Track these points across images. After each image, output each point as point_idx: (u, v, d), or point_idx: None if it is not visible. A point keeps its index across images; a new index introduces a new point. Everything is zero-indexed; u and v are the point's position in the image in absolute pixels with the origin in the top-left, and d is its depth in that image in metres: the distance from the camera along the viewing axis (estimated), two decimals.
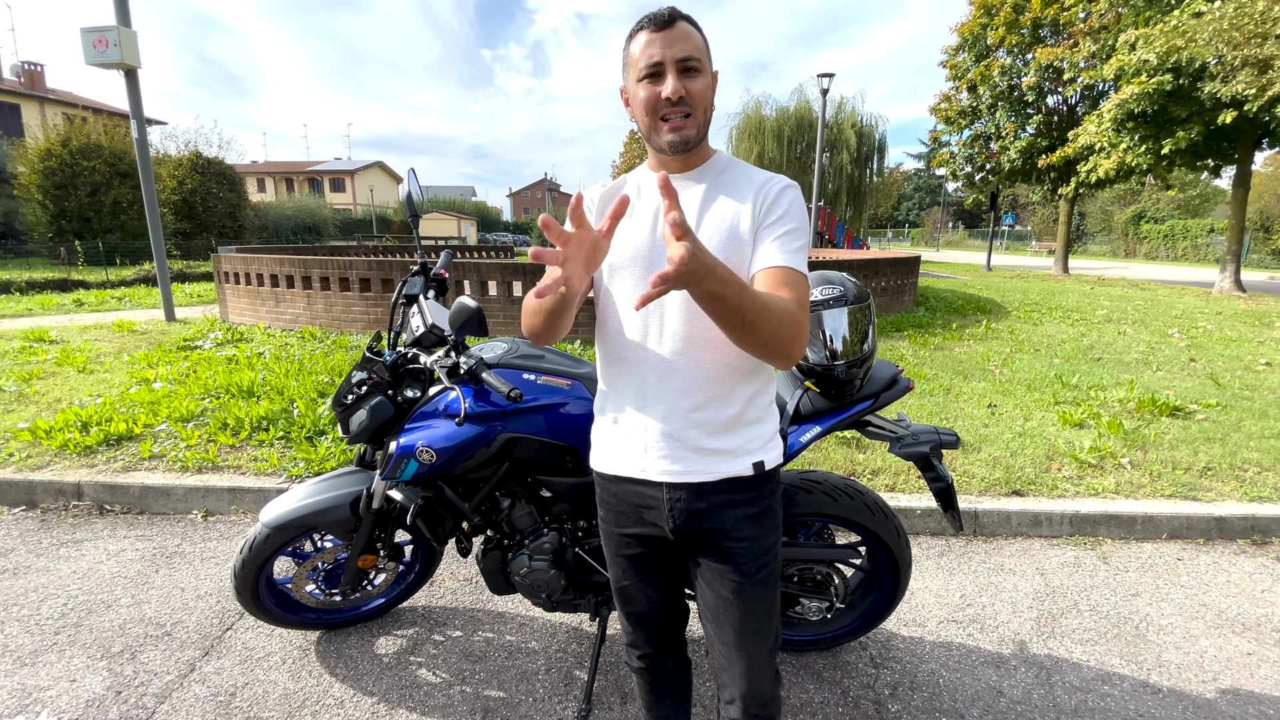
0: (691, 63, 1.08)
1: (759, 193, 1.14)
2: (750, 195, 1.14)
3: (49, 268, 16.32)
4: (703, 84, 1.10)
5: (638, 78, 1.11)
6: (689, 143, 1.12)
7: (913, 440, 1.86)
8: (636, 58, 1.10)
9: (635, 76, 1.11)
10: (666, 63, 1.07)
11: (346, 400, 1.83)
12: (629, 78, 1.14)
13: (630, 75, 1.13)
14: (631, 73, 1.12)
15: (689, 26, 1.10)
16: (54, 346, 6.30)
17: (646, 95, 1.10)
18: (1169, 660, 2.16)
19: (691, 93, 1.09)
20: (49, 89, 30.04)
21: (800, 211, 1.15)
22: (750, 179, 1.17)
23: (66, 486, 3.22)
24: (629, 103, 1.17)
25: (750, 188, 1.15)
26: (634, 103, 1.14)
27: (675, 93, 1.07)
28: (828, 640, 2.14)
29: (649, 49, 1.08)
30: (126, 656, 2.13)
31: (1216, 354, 6.56)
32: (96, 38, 7.38)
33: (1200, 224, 34.08)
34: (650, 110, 1.11)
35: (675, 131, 1.10)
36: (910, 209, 72.20)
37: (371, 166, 53.18)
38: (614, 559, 1.34)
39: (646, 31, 1.09)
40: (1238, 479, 3.32)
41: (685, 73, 1.08)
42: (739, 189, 1.16)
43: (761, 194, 1.14)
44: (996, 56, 18.60)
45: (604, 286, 1.21)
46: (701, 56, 1.10)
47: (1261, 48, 9.89)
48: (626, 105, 1.18)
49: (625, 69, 1.15)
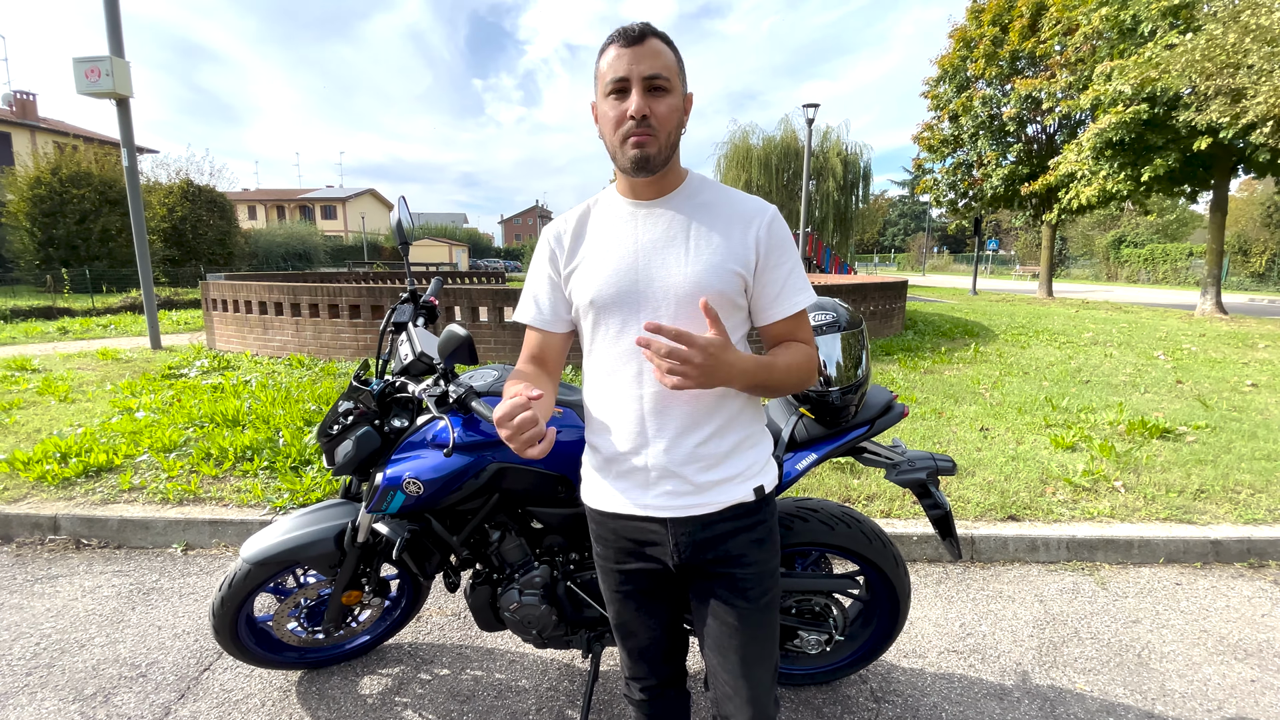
0: (659, 81, 1.04)
1: (754, 233, 1.12)
2: (741, 231, 1.12)
3: (35, 295, 16.17)
4: (669, 104, 1.06)
5: (604, 93, 1.07)
6: (649, 161, 1.07)
7: (909, 466, 1.84)
8: (604, 72, 1.07)
9: (602, 92, 1.08)
10: (633, 79, 1.04)
11: (332, 430, 1.78)
12: (598, 93, 1.10)
13: (598, 90, 1.10)
14: (599, 88, 1.09)
15: (660, 44, 1.06)
16: (36, 375, 6.19)
17: (612, 113, 1.06)
18: (1173, 689, 2.12)
19: (656, 112, 1.05)
20: (40, 118, 30.06)
21: (789, 239, 1.16)
22: (732, 207, 1.14)
23: (43, 520, 3.13)
24: (598, 119, 1.13)
25: (736, 220, 1.13)
26: (601, 120, 1.10)
27: (639, 110, 1.03)
28: (826, 674, 2.09)
29: (616, 64, 1.05)
30: (99, 699, 2.04)
31: (1202, 375, 6.62)
32: (89, 67, 7.41)
33: (1180, 248, 34.75)
34: (615, 128, 1.07)
35: (637, 148, 1.06)
36: (895, 234, 73.23)
37: (363, 194, 53.46)
38: (612, 595, 1.30)
39: (616, 46, 1.05)
40: (1231, 501, 3.31)
41: (652, 91, 1.05)
42: (721, 218, 1.13)
43: (760, 234, 1.12)
44: (977, 87, 19.07)
45: (590, 324, 1.18)
46: (671, 75, 1.06)
47: (1234, 78, 10.20)
48: (596, 122, 1.15)
49: (595, 82, 1.11)
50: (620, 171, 1.14)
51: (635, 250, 1.13)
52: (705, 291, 1.09)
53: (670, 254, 1.11)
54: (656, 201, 1.15)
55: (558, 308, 1.23)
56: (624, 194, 1.18)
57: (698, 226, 1.12)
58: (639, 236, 1.14)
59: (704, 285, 1.09)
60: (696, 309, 1.09)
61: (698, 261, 1.10)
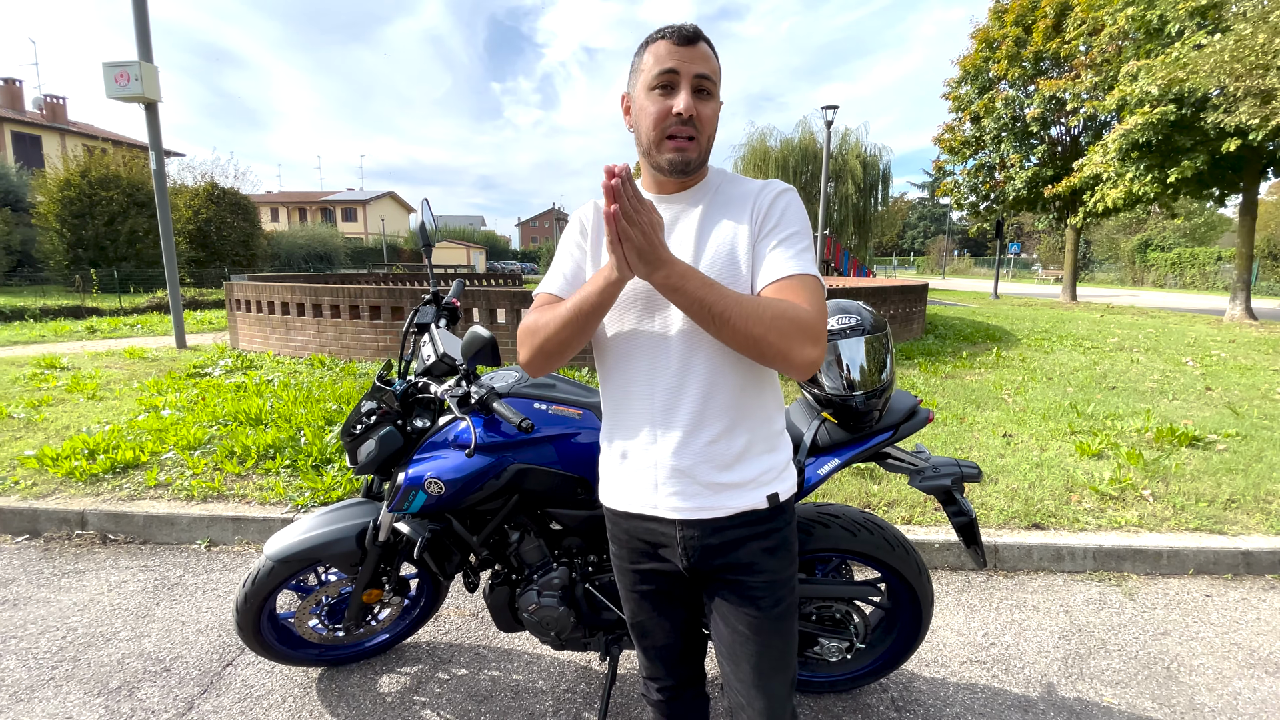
0: (706, 83, 1.04)
1: (754, 206, 1.10)
2: (745, 214, 1.10)
3: (64, 295, 16.53)
4: (713, 108, 1.07)
5: (649, 86, 1.05)
6: (689, 165, 1.07)
7: (933, 473, 1.82)
8: (650, 65, 1.05)
9: (646, 84, 1.05)
10: (683, 76, 1.03)
11: (355, 430, 1.80)
12: (636, 84, 1.08)
13: (639, 82, 1.07)
14: (641, 79, 1.06)
15: (709, 49, 1.06)
16: (65, 373, 6.33)
17: (656, 108, 1.04)
18: (1202, 703, 2.07)
19: (701, 115, 1.05)
20: (70, 121, 30.82)
21: (798, 214, 1.10)
22: (745, 192, 1.13)
23: (70, 515, 3.19)
24: (629, 110, 1.12)
25: (745, 204, 1.11)
26: (639, 113, 1.08)
27: (687, 109, 1.02)
28: (847, 682, 2.06)
29: (667, 59, 1.03)
30: (124, 693, 2.07)
31: (1232, 383, 6.47)
32: (119, 72, 7.57)
33: (1207, 251, 34.02)
34: (657, 124, 1.05)
35: (678, 151, 1.05)
36: (915, 237, 72.57)
37: (383, 197, 54.05)
38: (628, 594, 1.30)
39: (667, 42, 1.04)
40: (1263, 511, 3.23)
41: (699, 93, 1.04)
42: (736, 207, 1.11)
43: (755, 206, 1.10)
44: (999, 88, 18.84)
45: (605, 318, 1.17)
46: (717, 81, 1.07)
47: (1264, 79, 9.97)
48: (626, 114, 1.13)
49: (633, 75, 1.09)
50: (651, 168, 1.12)
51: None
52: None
53: (685, 250, 1.10)
54: (677, 196, 1.15)
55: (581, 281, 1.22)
56: (647, 188, 1.18)
57: (710, 222, 1.11)
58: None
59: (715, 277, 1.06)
60: None
61: (706, 257, 1.09)
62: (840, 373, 1.71)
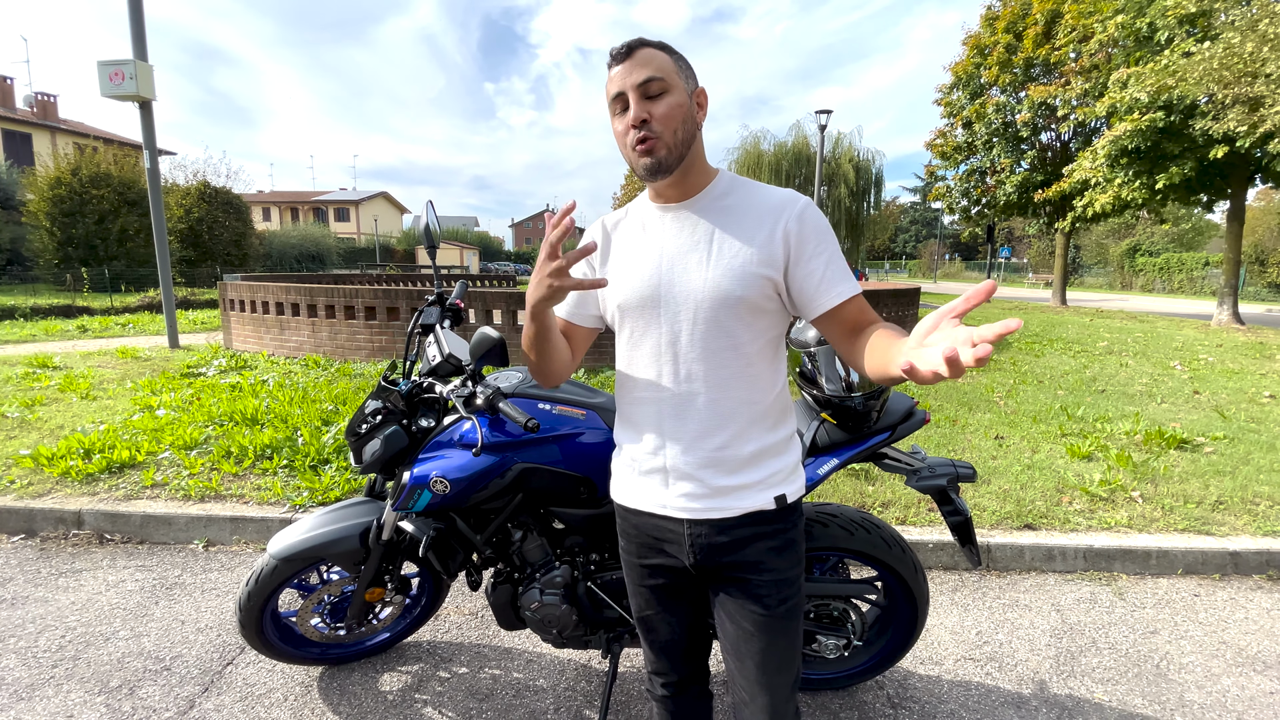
0: (653, 84, 1.05)
1: (781, 227, 1.08)
2: (768, 229, 1.08)
3: (54, 294, 16.40)
4: (669, 103, 1.06)
5: (612, 114, 1.10)
6: (660, 165, 1.07)
7: (929, 473, 1.85)
8: (607, 92, 1.10)
9: (610, 114, 1.11)
10: (627, 91, 1.06)
11: (360, 430, 1.81)
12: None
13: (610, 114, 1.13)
14: (610, 111, 1.12)
15: (651, 51, 1.07)
16: (57, 373, 6.29)
17: (620, 127, 1.09)
18: (1192, 700, 2.11)
19: (655, 114, 1.05)
20: (61, 119, 30.55)
21: (825, 228, 1.11)
22: (759, 205, 1.11)
23: (67, 515, 3.18)
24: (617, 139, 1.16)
25: (765, 219, 1.09)
26: (616, 138, 1.13)
27: (636, 117, 1.05)
28: (844, 679, 2.09)
29: (611, 84, 1.08)
30: (125, 692, 2.08)
31: (1220, 386, 6.56)
32: (113, 71, 7.54)
33: (1195, 257, 34.37)
34: (623, 141, 1.09)
35: (647, 155, 1.07)
36: (907, 241, 72.93)
37: (376, 197, 53.86)
38: (636, 589, 1.32)
39: (610, 67, 1.09)
40: (1250, 513, 3.29)
41: (649, 97, 1.06)
42: (749, 219, 1.10)
43: (783, 228, 1.08)
44: (991, 94, 18.99)
45: (617, 327, 1.21)
46: (667, 75, 1.06)
47: (1251, 86, 10.11)
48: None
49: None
50: (642, 181, 1.16)
51: (660, 256, 1.14)
52: (726, 298, 1.08)
53: (692, 260, 1.11)
54: (682, 204, 1.15)
55: (586, 302, 1.26)
56: (652, 199, 1.20)
57: (721, 231, 1.11)
58: (664, 242, 1.15)
59: (724, 292, 1.08)
60: (718, 316, 1.10)
61: (718, 267, 1.09)
62: (840, 374, 1.74)
